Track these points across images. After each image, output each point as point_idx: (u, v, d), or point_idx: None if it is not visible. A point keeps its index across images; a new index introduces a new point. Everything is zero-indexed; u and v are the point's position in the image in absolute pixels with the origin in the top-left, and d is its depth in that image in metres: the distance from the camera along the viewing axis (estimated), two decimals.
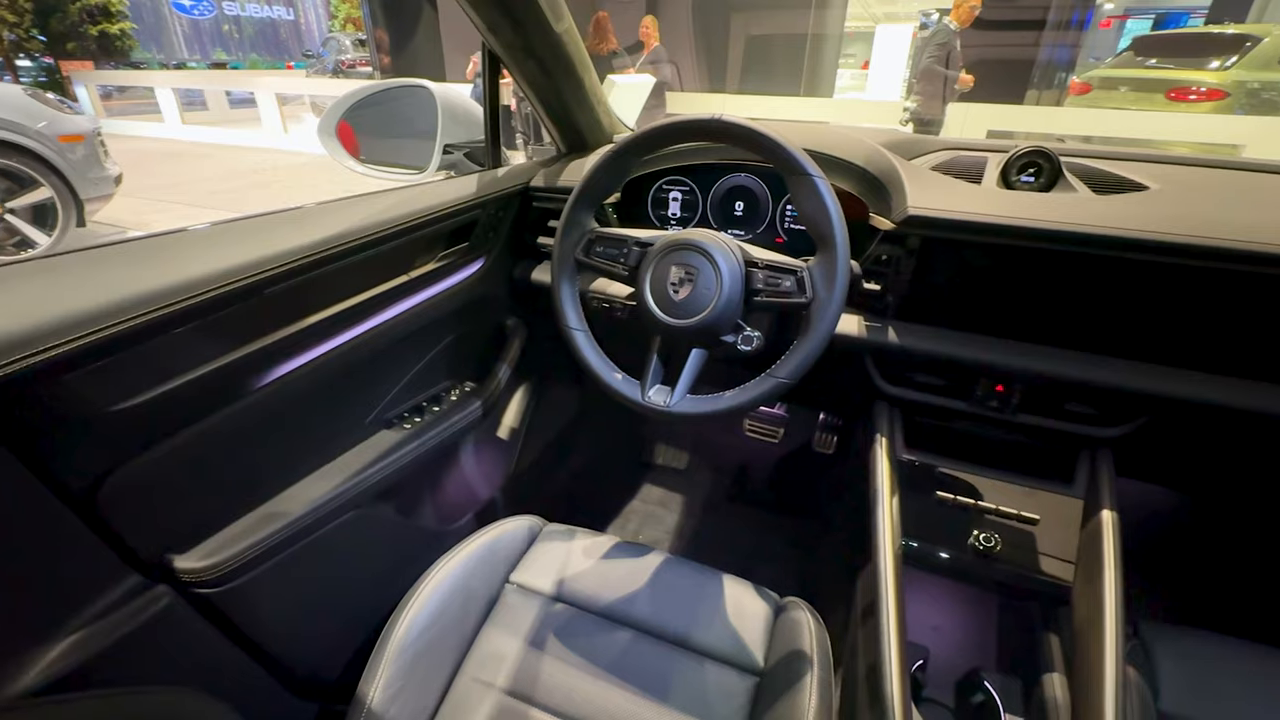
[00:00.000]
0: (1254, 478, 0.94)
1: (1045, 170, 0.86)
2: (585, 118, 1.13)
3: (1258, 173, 0.91)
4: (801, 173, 0.70)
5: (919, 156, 1.01)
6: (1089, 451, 0.88)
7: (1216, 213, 0.74)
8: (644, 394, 0.78)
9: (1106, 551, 0.78)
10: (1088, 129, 5.13)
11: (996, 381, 0.87)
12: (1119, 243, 0.72)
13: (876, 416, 0.96)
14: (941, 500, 0.89)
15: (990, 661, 0.95)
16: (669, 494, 1.64)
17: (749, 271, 0.75)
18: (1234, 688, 0.74)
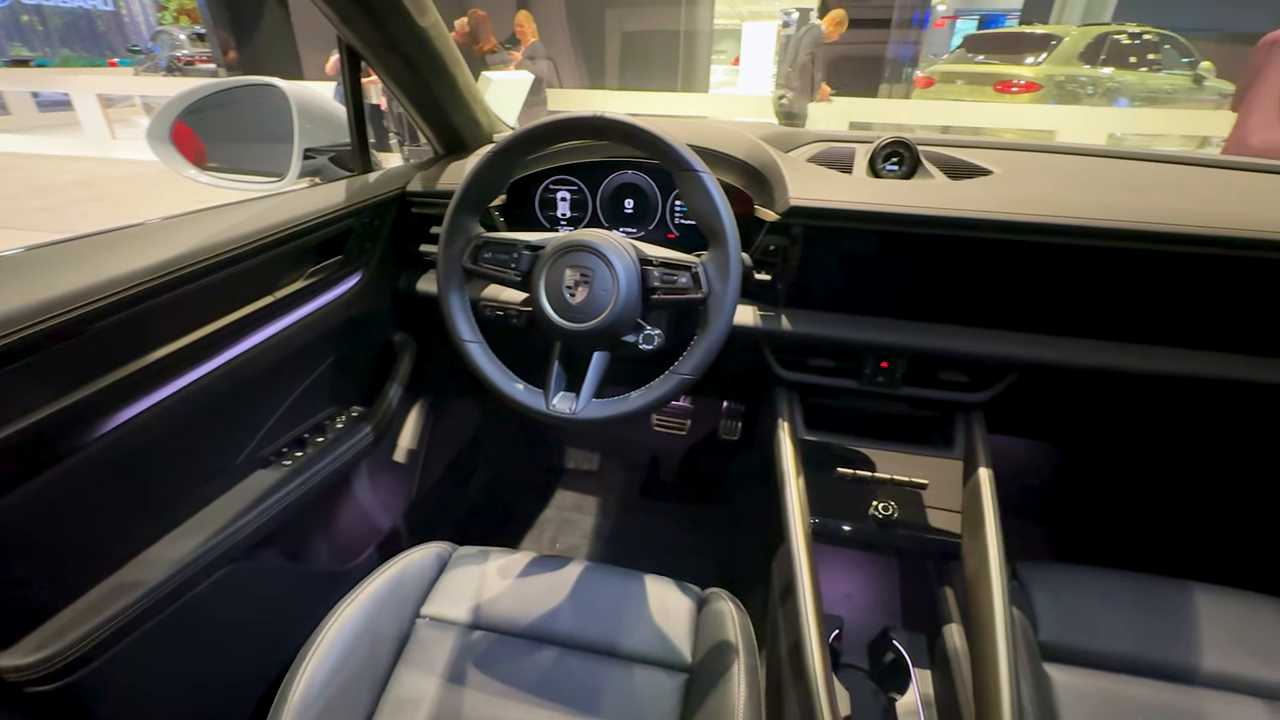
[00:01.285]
0: (1107, 426, 1.08)
1: (906, 159, 0.92)
2: (461, 117, 1.08)
3: (1078, 155, 1.04)
4: (687, 169, 0.70)
5: (794, 149, 1.06)
6: (964, 415, 0.97)
7: (1050, 193, 0.83)
8: (548, 402, 0.75)
9: (986, 505, 0.86)
10: (935, 119, 5.67)
11: (881, 358, 0.93)
12: (973, 223, 0.78)
13: (777, 402, 0.99)
14: (842, 476, 0.94)
15: (897, 620, 1.02)
16: (583, 498, 1.62)
17: (644, 270, 0.75)
18: (1100, 611, 0.84)
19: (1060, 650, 0.80)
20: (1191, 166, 0.98)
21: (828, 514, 0.91)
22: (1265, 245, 0.74)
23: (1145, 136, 5.42)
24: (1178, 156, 1.04)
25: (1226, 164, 1.00)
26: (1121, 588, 0.87)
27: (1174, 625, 0.82)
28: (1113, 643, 0.81)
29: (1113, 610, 0.84)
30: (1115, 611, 0.83)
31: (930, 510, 0.92)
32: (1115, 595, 0.86)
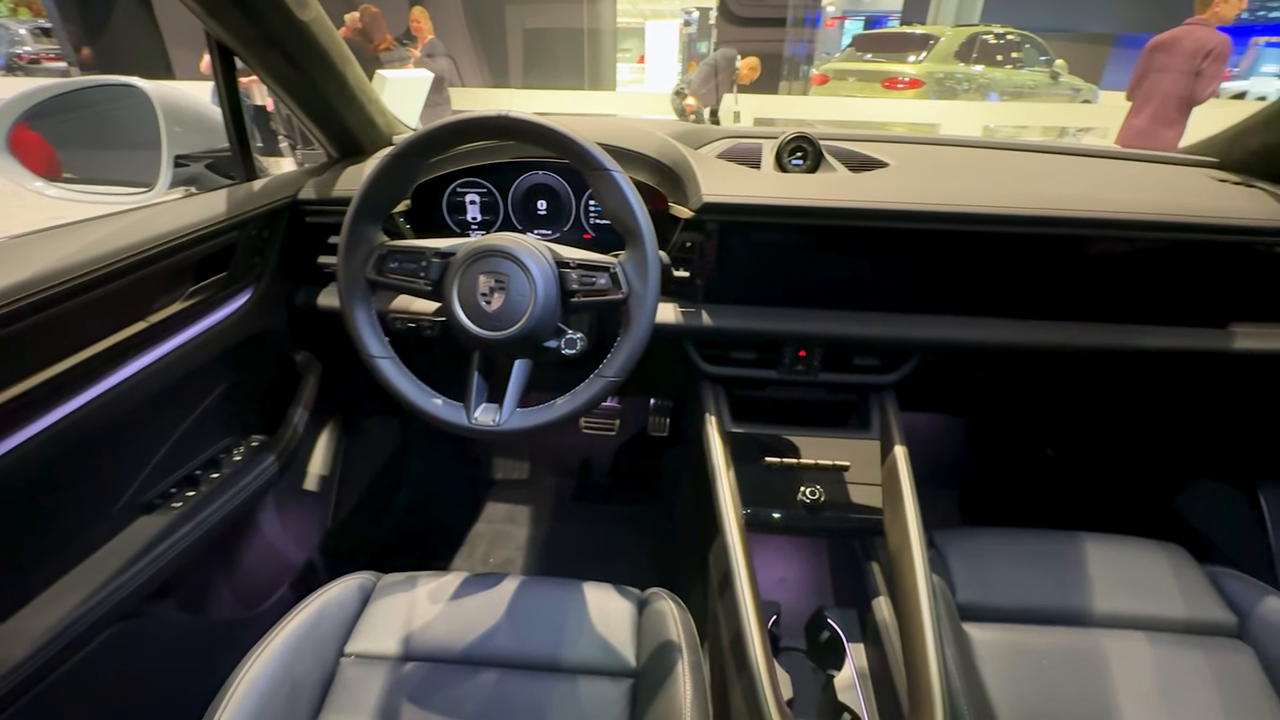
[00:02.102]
0: (1002, 396, 1.16)
1: (810, 154, 0.95)
2: (355, 118, 1.01)
3: (962, 147, 1.11)
4: (599, 168, 0.69)
5: (704, 145, 1.07)
6: (878, 396, 1.02)
7: (941, 182, 0.89)
8: (470, 416, 0.72)
9: (903, 480, 0.91)
10: (832, 115, 5.97)
11: (799, 347, 0.96)
12: (875, 214, 0.82)
13: (703, 396, 1.01)
14: (770, 465, 0.97)
15: (830, 599, 1.06)
16: (515, 508, 1.58)
17: (562, 273, 0.73)
18: (1007, 570, 0.90)
19: (976, 609, 0.86)
20: (1061, 155, 1.08)
21: (759, 503, 0.93)
22: (1134, 225, 0.83)
23: (1014, 127, 5.95)
24: (1049, 146, 1.14)
25: (1090, 152, 1.11)
26: (1024, 545, 0.95)
27: (1069, 575, 0.90)
28: (1020, 597, 0.87)
29: (1018, 567, 0.91)
30: (1020, 568, 0.91)
31: (853, 491, 0.96)
32: (1019, 552, 0.94)
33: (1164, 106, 3.50)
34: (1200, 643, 0.84)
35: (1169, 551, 0.95)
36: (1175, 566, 0.92)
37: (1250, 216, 0.85)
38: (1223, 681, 0.80)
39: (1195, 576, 0.91)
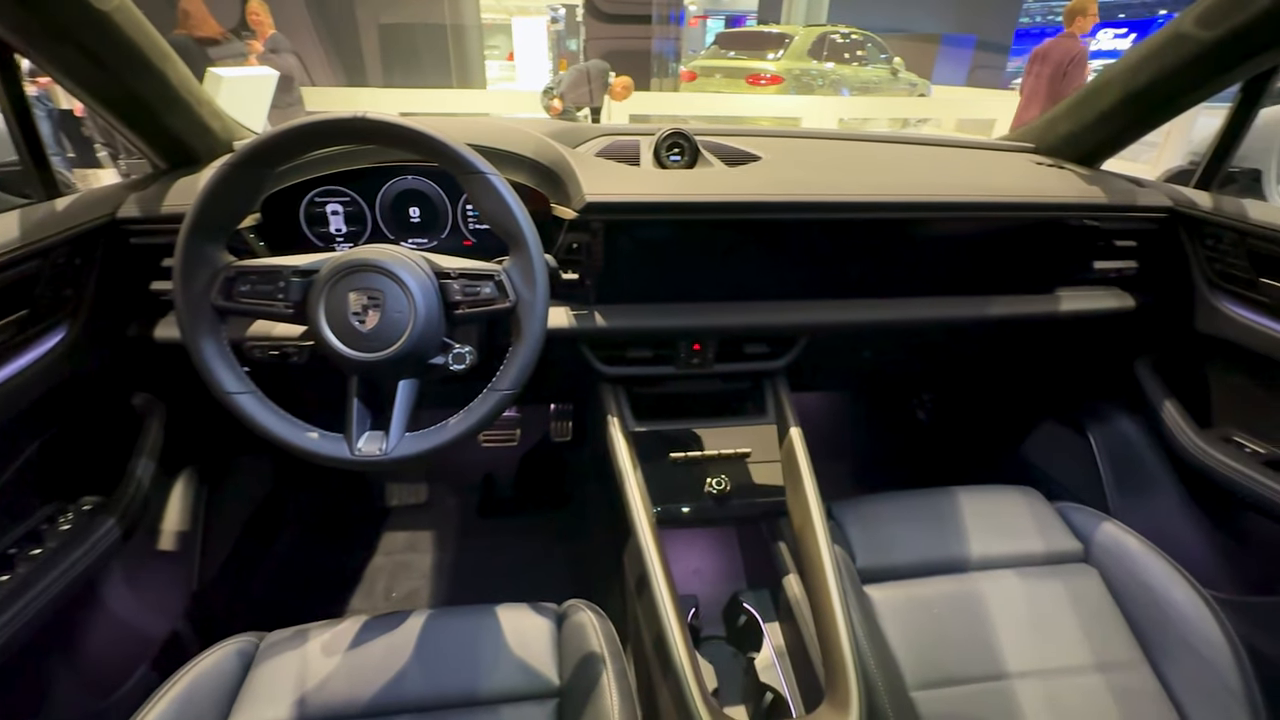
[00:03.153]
0: (880, 369, 1.25)
1: (687, 149, 0.97)
2: (183, 122, 0.89)
3: (825, 140, 1.18)
4: (472, 170, 0.65)
5: (582, 144, 1.05)
6: (770, 381, 1.06)
7: (811, 174, 0.93)
8: (353, 447, 0.66)
9: (800, 459, 0.95)
10: (704, 110, 6.16)
11: (693, 341, 0.98)
12: (755, 206, 0.85)
13: (603, 398, 0.99)
14: (675, 460, 0.97)
15: (744, 583, 1.09)
16: (415, 535, 1.48)
17: (443, 284, 0.69)
18: (897, 530, 0.97)
19: (874, 572, 0.92)
20: (906, 145, 1.18)
21: (668, 500, 0.93)
22: (971, 206, 0.92)
23: (865, 120, 6.49)
24: (895, 136, 1.24)
25: (929, 141, 1.22)
26: (909, 505, 1.03)
27: (948, 528, 0.99)
28: (909, 554, 0.95)
29: (906, 527, 0.98)
30: (907, 527, 0.98)
31: (756, 475, 0.99)
32: (905, 513, 1.02)
33: (1046, 103, 4.40)
34: (1056, 571, 0.95)
35: (1025, 494, 1.07)
36: (1031, 507, 1.04)
37: (1062, 195, 0.97)
38: (1076, 602, 0.92)
39: (1047, 514, 1.04)
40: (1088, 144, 1.09)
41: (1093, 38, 4.98)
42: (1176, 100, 0.94)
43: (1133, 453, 1.13)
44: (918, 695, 0.80)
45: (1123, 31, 23.38)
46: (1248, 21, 0.78)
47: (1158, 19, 25.61)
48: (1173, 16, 0.90)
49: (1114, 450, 1.16)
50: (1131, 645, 0.88)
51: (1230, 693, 0.80)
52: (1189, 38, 0.85)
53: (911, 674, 0.82)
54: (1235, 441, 0.97)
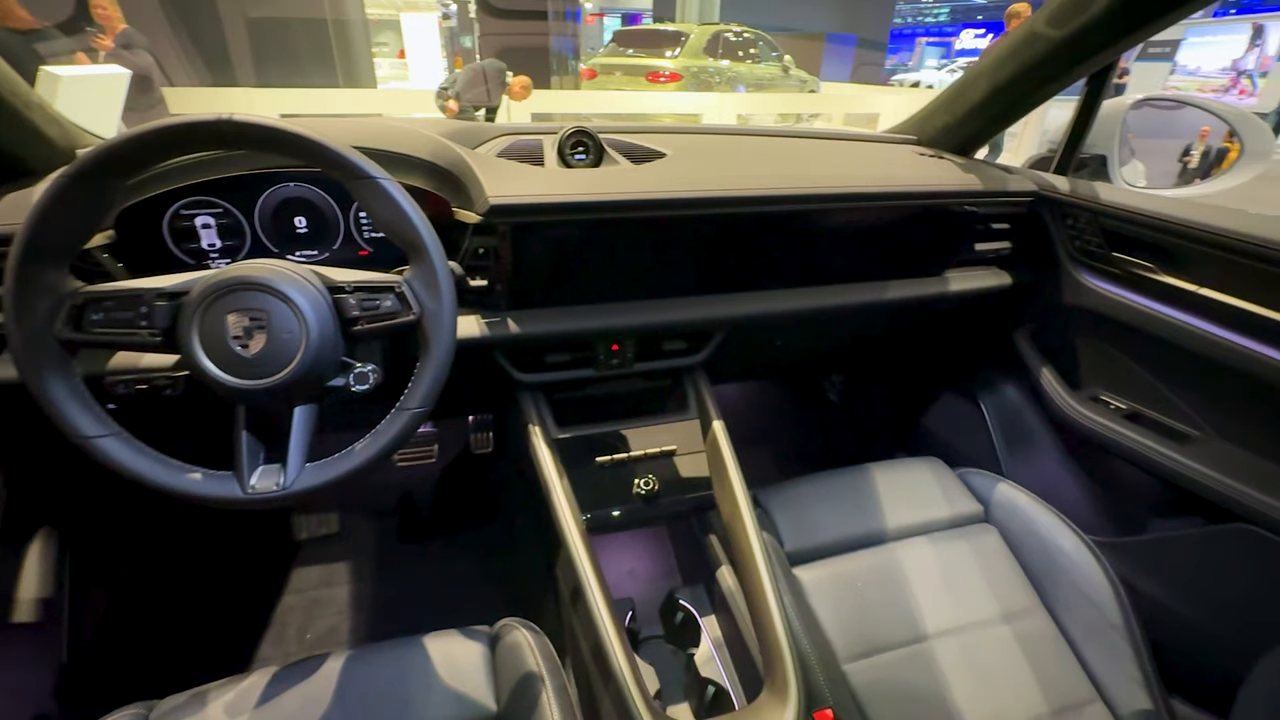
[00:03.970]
0: (796, 356, 1.29)
1: (592, 148, 0.95)
2: (6, 129, 0.77)
3: (728, 135, 1.20)
4: (362, 175, 0.60)
5: (482, 144, 1.01)
6: (690, 377, 1.06)
7: (716, 169, 0.94)
8: (245, 484, 0.60)
9: (724, 451, 0.96)
10: (606, 107, 6.17)
11: (612, 342, 0.96)
12: (664, 203, 0.85)
13: (523, 407, 0.96)
14: (602, 465, 0.96)
15: (679, 580, 1.10)
16: (329, 569, 1.38)
17: (337, 300, 0.63)
18: (820, 510, 1.01)
19: (802, 554, 0.95)
20: (801, 139, 1.22)
21: (597, 505, 0.92)
22: (864, 197, 0.96)
23: (762, 115, 6.73)
24: (791, 131, 1.29)
25: (821, 135, 1.27)
26: (829, 484, 1.08)
27: (866, 503, 1.04)
28: (832, 532, 0.99)
29: (827, 506, 1.02)
30: (829, 506, 1.02)
31: (683, 472, 0.99)
32: (826, 492, 1.06)
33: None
34: (961, 533, 1.03)
35: (930, 464, 1.15)
36: (936, 476, 1.12)
37: (944, 183, 1.04)
38: (981, 560, 0.99)
39: (950, 481, 1.11)
40: (962, 135, 1.17)
41: (911, 45, 5.49)
42: (1035, 93, 1.03)
43: (1018, 417, 1.23)
44: (849, 668, 0.84)
45: (981, 32, 26.09)
46: (1088, 22, 0.87)
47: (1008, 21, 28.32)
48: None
49: (1003, 416, 1.27)
50: (1029, 594, 0.96)
51: (1113, 627, 0.89)
52: (1041, 36, 0.94)
53: (842, 648, 0.85)
54: (1102, 400, 1.08)
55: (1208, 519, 0.89)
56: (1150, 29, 0.84)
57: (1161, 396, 1.00)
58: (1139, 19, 0.83)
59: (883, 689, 0.82)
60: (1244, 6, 16.01)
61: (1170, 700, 0.86)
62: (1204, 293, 0.90)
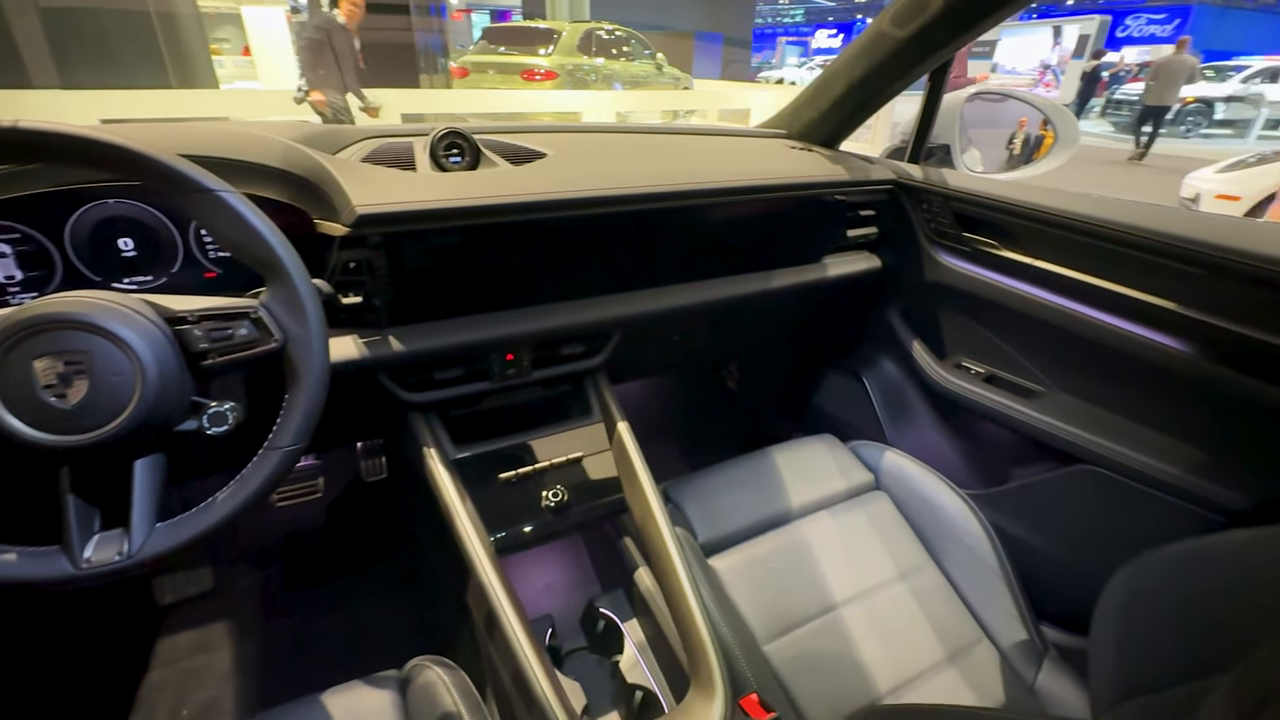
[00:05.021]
0: (693, 348, 1.31)
1: (467, 150, 0.90)
2: None
3: (605, 133, 1.19)
4: (194, 189, 0.53)
5: (343, 149, 0.93)
6: (591, 380, 1.05)
7: (598, 168, 0.93)
8: (77, 557, 0.51)
9: (630, 452, 0.96)
10: (481, 107, 5.96)
11: (506, 351, 0.92)
12: (547, 205, 0.82)
13: (415, 430, 0.90)
14: (507, 481, 0.92)
15: (598, 587, 1.08)
16: (204, 632, 1.22)
17: (179, 332, 0.55)
18: (729, 498, 1.03)
19: (715, 544, 0.97)
20: (679, 135, 1.24)
21: (505, 524, 0.88)
22: (744, 190, 0.99)
23: (641, 113, 6.82)
24: (669, 128, 1.31)
25: (699, 130, 1.30)
26: (735, 472, 1.10)
27: (771, 485, 1.08)
28: (742, 518, 1.01)
29: (735, 493, 1.05)
30: (737, 493, 1.05)
31: (592, 477, 0.97)
32: (733, 479, 1.08)
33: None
34: (857, 503, 1.09)
35: (825, 441, 1.21)
36: (831, 451, 1.18)
37: (815, 174, 1.10)
38: (876, 526, 1.06)
39: (843, 454, 1.18)
40: (827, 128, 1.24)
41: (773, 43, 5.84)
42: (886, 88, 1.11)
43: (897, 388, 1.33)
44: (769, 649, 0.86)
45: (833, 32, 28.26)
46: (926, 23, 0.94)
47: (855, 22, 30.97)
48: (867, 22, 1.07)
49: (884, 388, 1.36)
50: (920, 551, 1.04)
51: (991, 570, 0.98)
52: (888, 36, 1.01)
53: (761, 630, 0.88)
54: (964, 366, 1.19)
55: (1058, 464, 1.01)
56: (979, 28, 0.93)
57: (1012, 359, 1.12)
58: (969, 19, 0.92)
59: (801, 663, 0.86)
60: (1044, 11, 18.49)
61: (1040, 627, 0.96)
62: (1039, 264, 1.01)
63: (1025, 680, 0.89)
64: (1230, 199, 4.48)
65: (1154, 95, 8.58)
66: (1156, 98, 8.58)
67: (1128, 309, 0.90)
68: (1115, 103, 12.12)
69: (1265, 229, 0.83)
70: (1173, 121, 11.83)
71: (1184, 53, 8.41)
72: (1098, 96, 12.65)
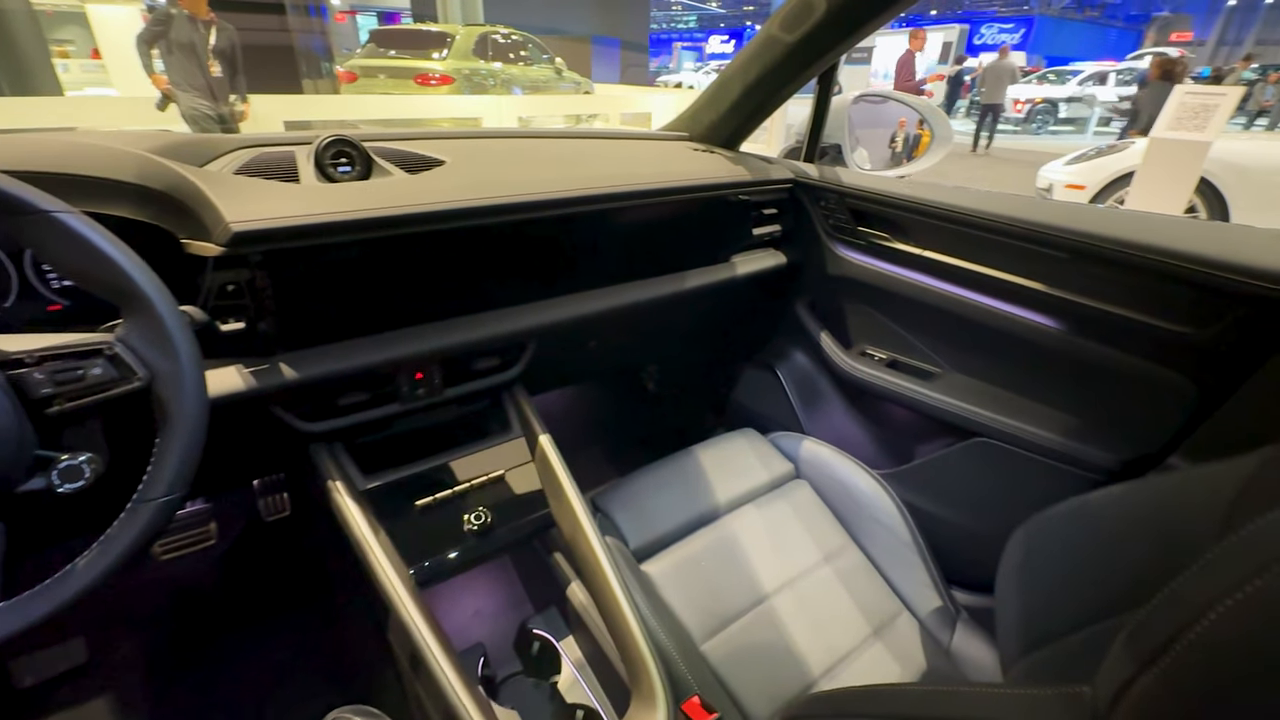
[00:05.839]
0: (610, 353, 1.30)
1: (357, 158, 0.84)
2: None
3: (506, 139, 1.16)
4: (24, 211, 0.46)
5: (212, 161, 0.84)
6: (509, 393, 1.01)
7: (499, 175, 0.90)
8: None
9: (554, 465, 0.93)
10: (374, 113, 5.67)
11: (415, 370, 0.87)
12: (443, 215, 0.77)
13: (317, 462, 0.83)
14: (425, 508, 0.87)
15: (530, 608, 1.04)
16: (80, 712, 1.07)
17: (15, 376, 0.47)
18: (657, 502, 1.03)
19: (646, 549, 0.96)
20: (583, 139, 1.23)
21: (425, 554, 0.83)
22: (650, 194, 0.99)
23: (544, 118, 6.76)
24: (572, 132, 1.29)
25: (602, 134, 1.29)
26: (661, 474, 1.10)
27: (697, 483, 1.09)
28: (671, 520, 1.01)
29: (663, 495, 1.05)
30: (665, 495, 1.05)
31: (517, 495, 0.94)
32: (660, 481, 1.08)
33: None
34: (780, 493, 1.13)
35: (746, 435, 1.24)
36: (752, 445, 1.21)
37: (718, 176, 1.12)
38: (799, 513, 1.09)
39: (764, 446, 1.21)
40: (727, 130, 1.27)
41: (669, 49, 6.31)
42: (779, 91, 1.15)
43: (809, 378, 1.39)
44: (706, 648, 0.86)
45: (725, 38, 29.31)
46: (812, 28, 0.99)
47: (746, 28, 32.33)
48: (756, 29, 1.10)
49: (797, 380, 1.42)
50: (841, 534, 1.08)
51: (905, 544, 1.04)
52: (778, 40, 1.05)
53: (697, 631, 0.88)
54: (868, 353, 1.25)
55: (956, 438, 1.09)
56: (860, 33, 0.99)
57: (910, 343, 1.19)
58: (850, 25, 0.97)
59: (738, 658, 0.87)
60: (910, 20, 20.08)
61: (952, 592, 1.03)
62: (927, 254, 1.09)
63: (942, 644, 0.95)
64: (1077, 188, 5.05)
65: (986, 96, 10.02)
66: (989, 97, 9.99)
67: (1005, 291, 0.98)
68: (977, 104, 13.44)
69: (1111, 214, 0.94)
70: (1025, 120, 13.30)
71: (1005, 59, 9.72)
72: (962, 98, 13.91)
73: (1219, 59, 24.79)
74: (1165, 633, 0.27)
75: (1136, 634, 0.30)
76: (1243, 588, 0.25)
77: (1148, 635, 0.29)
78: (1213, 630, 0.25)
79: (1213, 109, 4.10)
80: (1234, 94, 4.18)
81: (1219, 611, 0.25)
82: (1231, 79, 11.97)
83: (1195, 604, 0.26)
